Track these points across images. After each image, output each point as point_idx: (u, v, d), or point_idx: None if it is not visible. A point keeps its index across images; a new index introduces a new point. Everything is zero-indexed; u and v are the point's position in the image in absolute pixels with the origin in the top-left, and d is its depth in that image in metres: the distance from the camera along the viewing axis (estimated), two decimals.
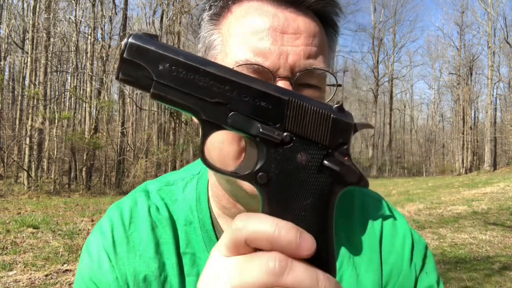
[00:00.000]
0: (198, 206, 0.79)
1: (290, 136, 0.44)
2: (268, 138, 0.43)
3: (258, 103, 0.43)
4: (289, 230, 0.39)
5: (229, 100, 0.43)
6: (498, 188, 16.02)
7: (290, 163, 0.44)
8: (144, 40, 0.42)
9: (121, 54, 0.41)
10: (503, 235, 7.85)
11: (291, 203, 0.44)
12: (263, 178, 0.43)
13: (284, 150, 0.44)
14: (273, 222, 0.39)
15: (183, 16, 22.31)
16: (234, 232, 0.40)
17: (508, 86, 39.17)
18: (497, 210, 10.81)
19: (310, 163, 0.44)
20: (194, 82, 0.42)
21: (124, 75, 0.42)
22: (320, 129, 0.44)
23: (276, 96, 0.44)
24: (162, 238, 0.76)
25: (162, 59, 0.41)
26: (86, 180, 17.55)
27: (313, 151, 0.44)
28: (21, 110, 20.70)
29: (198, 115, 0.43)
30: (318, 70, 0.67)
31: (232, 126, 0.43)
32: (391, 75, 44.68)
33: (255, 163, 0.44)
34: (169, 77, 0.42)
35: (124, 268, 0.74)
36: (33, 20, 18.09)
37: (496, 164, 35.17)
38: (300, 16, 0.68)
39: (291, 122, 0.44)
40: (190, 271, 0.75)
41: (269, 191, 0.44)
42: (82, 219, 8.55)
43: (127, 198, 0.83)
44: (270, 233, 0.38)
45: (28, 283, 4.72)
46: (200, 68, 0.42)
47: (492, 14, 35.46)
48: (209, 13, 0.73)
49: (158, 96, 0.42)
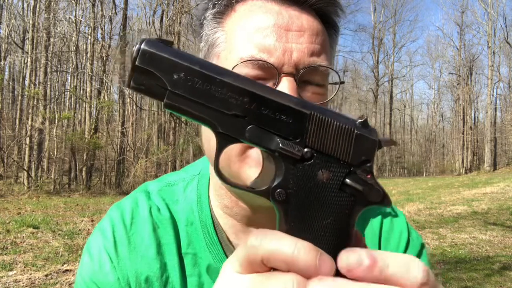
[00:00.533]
0: (199, 206, 0.79)
1: (311, 152, 0.42)
2: (288, 154, 0.41)
3: (278, 116, 0.41)
4: (308, 252, 0.37)
5: (247, 112, 0.41)
6: (498, 188, 16.03)
7: (310, 180, 0.42)
8: (158, 46, 0.40)
9: (133, 61, 0.39)
10: (503, 235, 7.85)
11: (310, 222, 0.42)
12: (281, 195, 0.41)
13: (304, 167, 0.42)
14: (292, 242, 0.37)
15: (183, 16, 22.31)
16: (250, 249, 0.38)
17: (508, 86, 39.20)
18: (497, 210, 10.81)
19: (332, 181, 0.42)
20: (211, 93, 0.40)
21: (135, 83, 0.40)
22: (343, 145, 0.42)
23: (297, 109, 0.42)
24: (163, 239, 0.76)
25: (177, 67, 0.39)
26: (86, 180, 17.55)
27: (334, 169, 0.42)
28: (21, 110, 20.71)
29: (214, 127, 0.41)
30: (322, 67, 0.68)
31: (250, 140, 0.41)
32: (391, 75, 44.69)
33: (273, 179, 0.42)
34: (184, 87, 0.40)
35: (126, 269, 0.74)
36: (33, 20, 18.10)
37: (496, 164, 35.17)
38: (303, 14, 0.69)
39: (312, 138, 0.42)
40: (192, 272, 0.75)
41: (287, 208, 0.42)
42: (82, 219, 8.55)
43: (128, 198, 0.83)
44: (288, 253, 0.37)
45: (28, 283, 4.72)
46: (217, 78, 0.40)
47: (492, 14, 35.47)
48: (213, 11, 0.73)
49: (172, 107, 0.40)
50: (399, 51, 46.27)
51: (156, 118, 25.24)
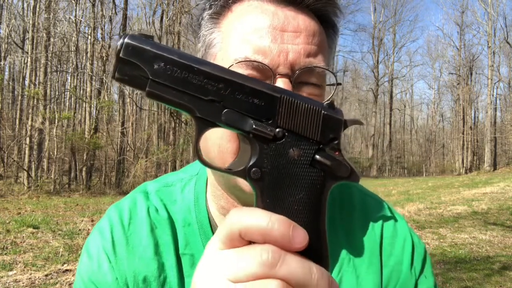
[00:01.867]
0: (197, 207, 0.79)
1: (282, 132, 0.45)
2: (261, 134, 0.44)
3: (251, 100, 0.44)
4: (282, 224, 0.40)
5: (222, 97, 0.44)
6: (498, 188, 16.02)
7: (282, 158, 0.45)
8: (140, 40, 0.43)
9: (117, 53, 0.42)
10: (503, 235, 7.85)
11: (283, 197, 0.44)
12: (256, 174, 0.44)
13: (276, 146, 0.45)
14: (266, 215, 0.40)
15: (183, 16, 22.30)
16: (228, 225, 0.41)
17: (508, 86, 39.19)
18: (497, 210, 10.80)
19: (302, 158, 0.45)
20: (189, 81, 0.43)
21: (120, 74, 0.43)
22: (312, 125, 0.46)
23: (269, 93, 0.45)
24: (161, 239, 0.77)
25: (157, 58, 0.42)
26: (86, 180, 17.55)
27: (305, 146, 0.45)
28: (21, 110, 20.71)
29: (192, 112, 0.44)
30: (318, 68, 0.67)
31: (226, 123, 0.44)
32: (391, 75, 44.68)
33: (249, 159, 0.45)
34: (164, 76, 0.42)
35: (124, 269, 0.75)
36: (33, 20, 18.09)
37: (496, 164, 35.16)
38: (300, 15, 0.68)
39: (283, 119, 0.45)
40: (189, 272, 0.75)
41: (262, 186, 0.44)
42: (82, 219, 8.54)
43: (126, 199, 0.83)
44: (263, 226, 0.39)
45: (28, 283, 4.72)
46: (194, 66, 0.43)
47: (492, 14, 35.46)
48: (209, 12, 0.73)
49: (153, 95, 0.43)
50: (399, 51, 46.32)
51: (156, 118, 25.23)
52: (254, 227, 0.40)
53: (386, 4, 44.07)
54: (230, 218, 0.41)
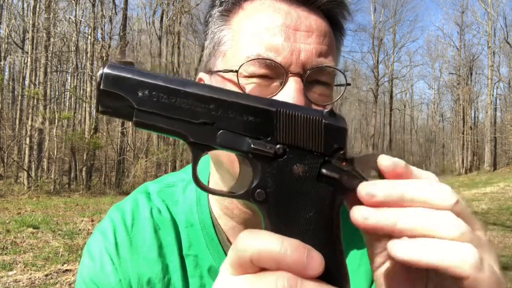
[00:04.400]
0: (199, 207, 0.79)
1: (283, 148, 0.42)
2: (260, 153, 0.42)
3: (245, 118, 0.42)
4: (296, 249, 0.37)
5: (215, 119, 0.41)
6: (498, 188, 16.02)
7: (286, 176, 0.42)
8: (120, 68, 0.41)
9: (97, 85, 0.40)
10: (503, 235, 7.85)
11: (293, 217, 0.42)
12: (261, 195, 0.42)
13: (278, 164, 0.42)
14: (279, 240, 0.38)
15: (183, 16, 22.30)
16: (238, 252, 0.38)
17: (508, 86, 39.19)
18: (497, 210, 10.81)
19: (308, 173, 0.42)
20: (176, 105, 0.41)
21: (103, 106, 0.41)
22: (313, 136, 0.43)
23: (263, 108, 0.42)
24: (165, 240, 0.76)
25: (140, 85, 0.40)
26: (86, 180, 17.54)
27: (309, 161, 0.43)
28: (21, 110, 20.70)
29: (185, 138, 0.42)
30: (329, 68, 0.68)
31: (222, 145, 0.42)
32: (391, 75, 44.68)
33: (251, 180, 0.43)
34: (150, 103, 0.40)
35: (127, 270, 0.74)
36: (33, 20, 18.09)
37: (496, 164, 35.16)
38: (312, 15, 0.69)
39: (282, 134, 0.42)
40: (193, 273, 0.75)
41: (269, 207, 0.42)
42: (82, 219, 8.54)
43: (128, 199, 0.82)
44: (276, 252, 0.37)
45: (28, 283, 4.72)
46: (181, 90, 0.41)
47: (492, 14, 35.46)
48: (220, 9, 0.72)
49: (141, 124, 0.41)
50: (399, 51, 46.26)
51: None
52: (267, 253, 0.37)
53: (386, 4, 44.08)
54: (240, 243, 0.39)
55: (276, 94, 0.65)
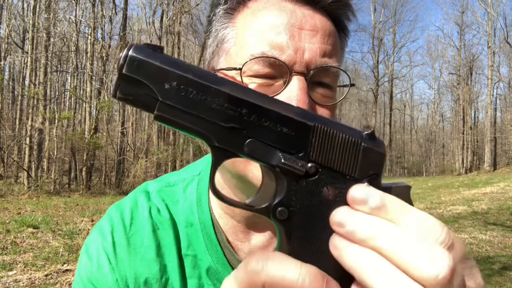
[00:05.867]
0: (199, 207, 0.78)
1: (315, 167, 0.39)
2: (290, 169, 0.38)
3: (279, 128, 0.38)
4: (314, 278, 0.34)
5: (246, 125, 0.38)
6: (498, 188, 16.01)
7: (315, 198, 0.39)
8: (147, 53, 0.36)
9: (119, 69, 0.36)
10: (503, 235, 7.85)
11: (314, 242, 0.38)
12: (283, 214, 0.38)
13: (308, 183, 0.39)
14: (296, 267, 0.34)
15: (183, 16, 22.29)
16: (250, 274, 0.35)
17: (508, 86, 39.18)
18: (497, 210, 10.80)
19: (338, 198, 0.39)
20: (206, 104, 0.37)
21: (122, 93, 0.37)
22: (349, 159, 0.39)
23: (300, 121, 0.39)
24: (163, 240, 0.76)
25: (168, 76, 0.36)
26: (86, 180, 17.53)
27: (341, 185, 0.39)
28: (21, 110, 20.70)
29: (210, 141, 0.38)
30: (333, 68, 0.67)
31: (250, 155, 0.38)
32: (391, 75, 44.66)
33: (273, 196, 0.39)
34: (177, 98, 0.36)
35: (125, 270, 0.74)
36: (33, 20, 18.09)
37: (496, 164, 35.14)
38: (317, 15, 0.68)
39: (316, 151, 0.39)
40: (192, 273, 0.75)
41: (290, 228, 0.39)
42: (82, 219, 8.54)
43: (127, 199, 0.82)
44: (293, 280, 0.34)
45: (28, 283, 4.72)
46: (213, 87, 0.37)
47: (492, 14, 35.44)
48: (224, 7, 0.72)
49: (164, 119, 0.37)
50: (399, 51, 46.24)
51: None
52: (282, 280, 0.34)
53: (386, 4, 44.06)
54: (253, 264, 0.35)
55: (280, 93, 0.65)
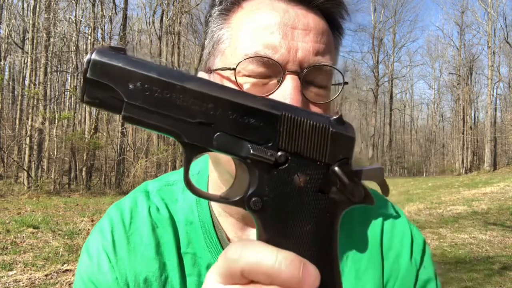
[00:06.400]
0: (199, 205, 0.79)
1: (285, 155, 0.39)
2: (260, 160, 0.39)
3: (246, 120, 0.39)
4: (291, 263, 0.35)
5: (213, 119, 0.38)
6: (498, 188, 16.01)
7: (286, 185, 0.39)
8: (110, 55, 0.37)
9: (83, 73, 0.36)
10: (503, 235, 7.85)
11: (290, 229, 0.39)
12: (257, 204, 0.39)
13: (279, 172, 0.39)
14: (273, 253, 0.35)
15: (183, 16, 22.30)
16: (229, 262, 0.36)
17: (508, 86, 39.18)
18: (497, 210, 10.80)
19: (309, 184, 0.40)
20: (171, 101, 0.37)
21: (89, 97, 0.37)
22: (319, 145, 0.40)
23: (267, 111, 0.39)
24: (162, 239, 0.76)
25: (132, 76, 0.36)
26: (86, 180, 17.54)
27: (311, 171, 0.40)
28: (21, 110, 20.70)
29: (178, 137, 0.38)
30: (326, 67, 0.68)
31: (219, 148, 0.39)
32: (391, 75, 44.68)
33: (247, 187, 0.40)
34: (142, 97, 0.37)
35: (124, 269, 0.74)
36: (33, 20, 18.10)
37: (496, 164, 35.14)
38: (310, 14, 0.69)
39: (285, 140, 0.39)
40: (191, 271, 0.75)
41: (265, 217, 0.39)
42: (82, 219, 8.55)
43: (127, 198, 0.83)
44: (269, 266, 0.35)
45: (28, 283, 4.72)
46: (177, 84, 0.37)
47: (492, 14, 35.45)
48: (219, 8, 0.73)
49: (131, 119, 0.37)
50: (399, 51, 46.26)
51: None
52: (259, 266, 0.35)
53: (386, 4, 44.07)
54: (231, 252, 0.36)
55: (273, 92, 0.65)
